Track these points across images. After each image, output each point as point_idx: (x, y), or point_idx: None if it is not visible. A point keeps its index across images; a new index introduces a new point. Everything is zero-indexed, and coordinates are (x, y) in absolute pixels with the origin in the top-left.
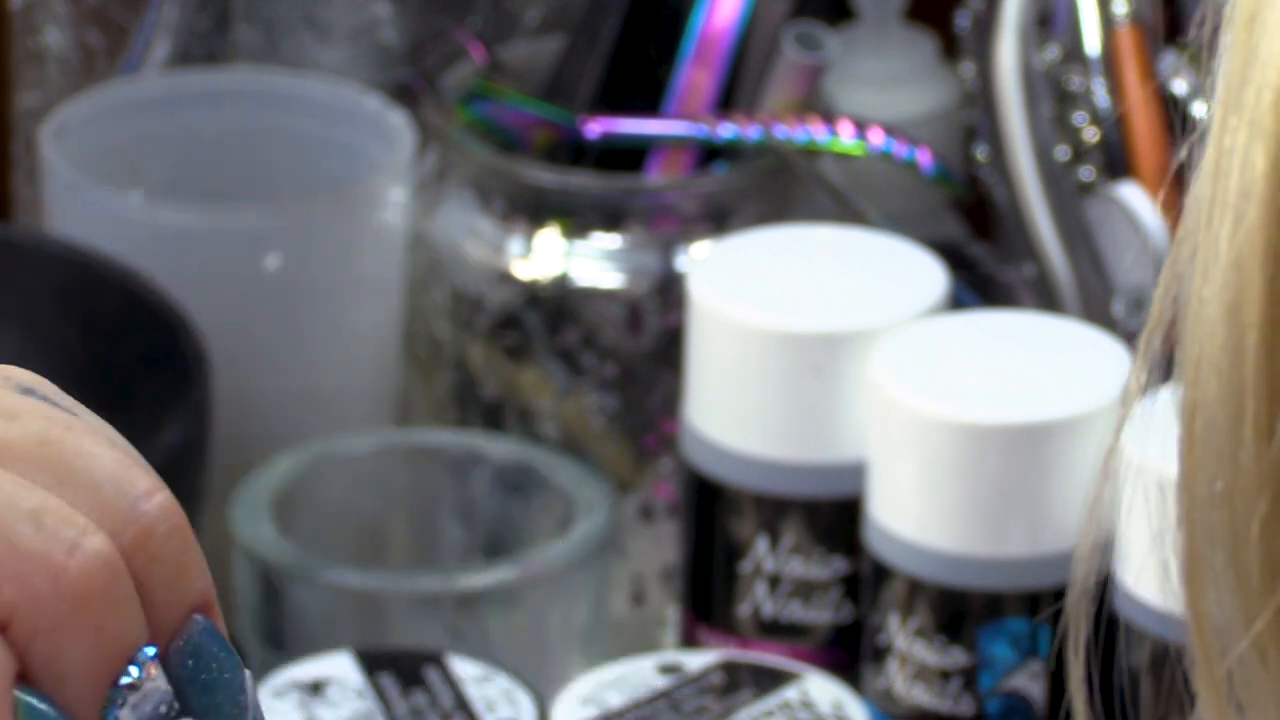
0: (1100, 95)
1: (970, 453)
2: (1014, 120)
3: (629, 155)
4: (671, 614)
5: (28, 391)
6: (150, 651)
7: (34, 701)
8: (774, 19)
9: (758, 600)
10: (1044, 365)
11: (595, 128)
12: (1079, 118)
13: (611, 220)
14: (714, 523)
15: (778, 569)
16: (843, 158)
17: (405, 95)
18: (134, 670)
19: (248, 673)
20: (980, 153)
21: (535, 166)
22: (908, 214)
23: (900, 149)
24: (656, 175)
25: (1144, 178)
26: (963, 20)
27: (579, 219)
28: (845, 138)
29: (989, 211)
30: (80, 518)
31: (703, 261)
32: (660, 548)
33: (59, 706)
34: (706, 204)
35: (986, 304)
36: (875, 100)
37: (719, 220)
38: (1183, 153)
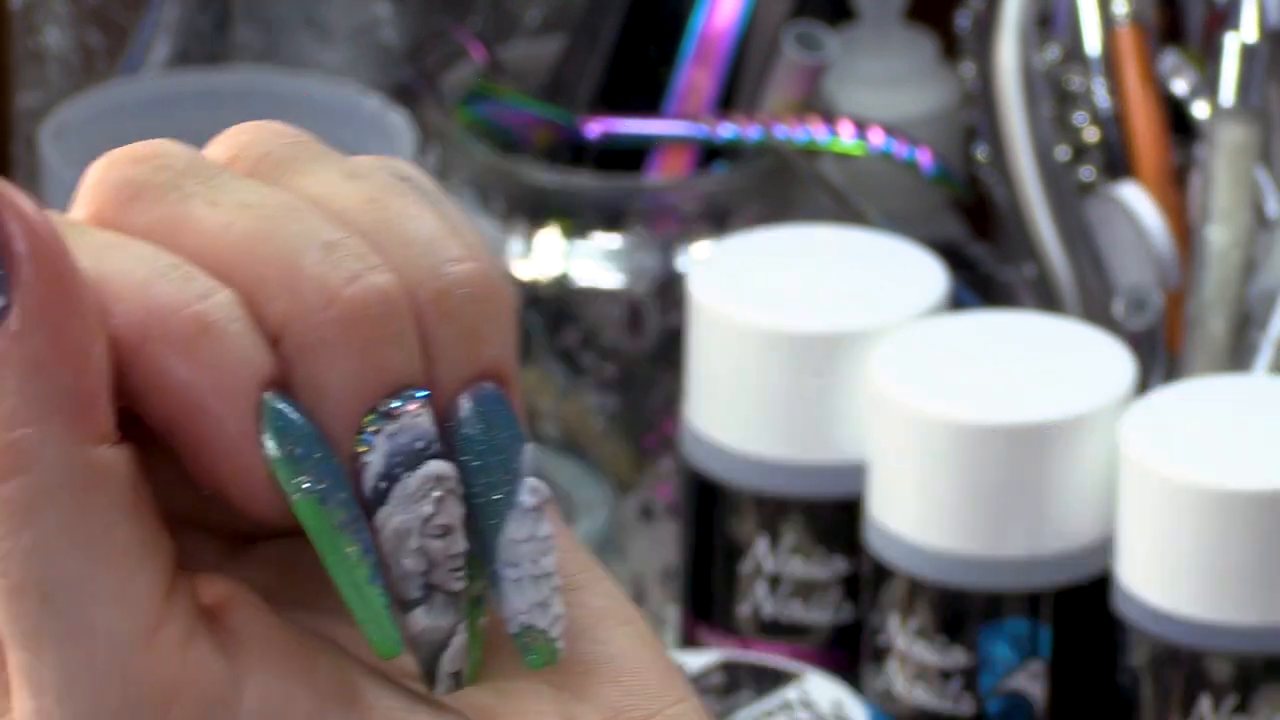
0: (1100, 95)
1: (970, 453)
2: (1014, 120)
3: (629, 155)
4: (671, 614)
5: (402, 179)
6: (421, 393)
7: (282, 407)
8: (774, 19)
9: (758, 600)
10: (1044, 365)
11: (595, 128)
12: (1079, 118)
13: (611, 220)
14: (714, 523)
15: (778, 569)
16: (843, 158)
17: (405, 95)
18: (396, 403)
19: (530, 447)
20: (980, 153)
21: (535, 166)
22: (908, 214)
23: (900, 149)
24: (656, 175)
25: (1144, 178)
26: (963, 20)
27: (579, 219)
28: (845, 138)
29: (989, 211)
30: (375, 259)
31: (703, 261)
32: (660, 548)
33: (311, 418)
34: (706, 204)
35: (986, 304)
36: (875, 100)
37: (719, 220)
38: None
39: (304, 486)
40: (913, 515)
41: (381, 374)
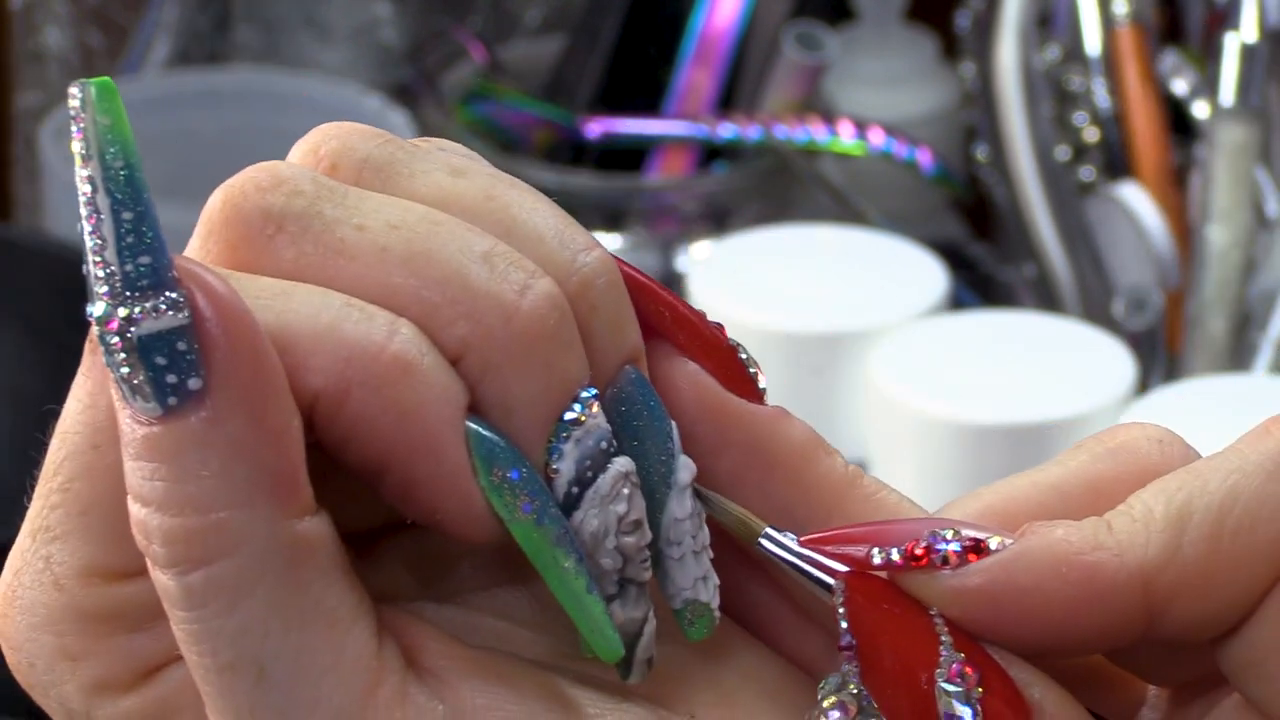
0: (1100, 95)
1: (970, 453)
2: (1014, 120)
3: (629, 155)
4: None
5: (468, 158)
6: (592, 392)
7: (484, 431)
8: (774, 19)
9: None
10: (1044, 365)
11: (595, 128)
12: (1079, 118)
13: (611, 220)
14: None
15: None
16: (843, 158)
17: (405, 95)
18: (577, 407)
19: (674, 424)
20: (980, 153)
21: (535, 166)
22: (908, 214)
23: (900, 149)
24: (656, 175)
25: (1144, 178)
26: (963, 20)
27: (579, 219)
28: (845, 138)
29: (989, 211)
30: (529, 262)
31: (703, 261)
32: None
33: (506, 437)
34: (706, 204)
35: (986, 304)
36: (875, 100)
37: (719, 220)
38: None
39: (522, 509)
40: None
41: (564, 382)
